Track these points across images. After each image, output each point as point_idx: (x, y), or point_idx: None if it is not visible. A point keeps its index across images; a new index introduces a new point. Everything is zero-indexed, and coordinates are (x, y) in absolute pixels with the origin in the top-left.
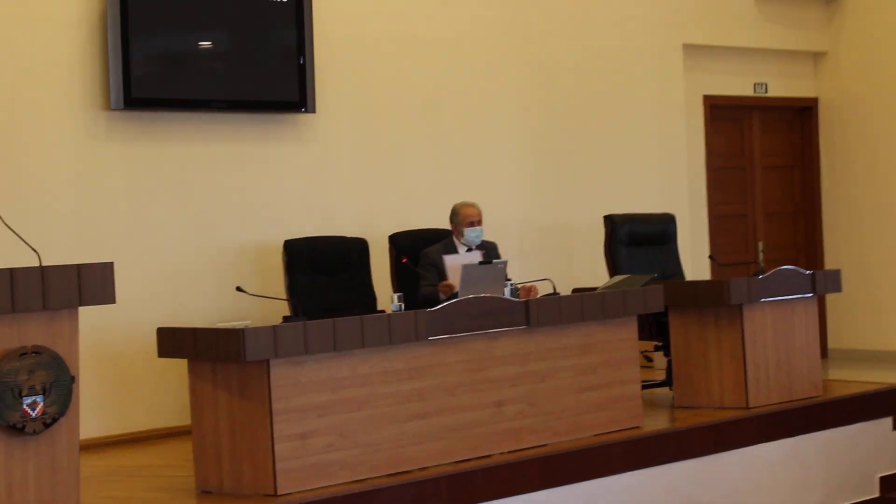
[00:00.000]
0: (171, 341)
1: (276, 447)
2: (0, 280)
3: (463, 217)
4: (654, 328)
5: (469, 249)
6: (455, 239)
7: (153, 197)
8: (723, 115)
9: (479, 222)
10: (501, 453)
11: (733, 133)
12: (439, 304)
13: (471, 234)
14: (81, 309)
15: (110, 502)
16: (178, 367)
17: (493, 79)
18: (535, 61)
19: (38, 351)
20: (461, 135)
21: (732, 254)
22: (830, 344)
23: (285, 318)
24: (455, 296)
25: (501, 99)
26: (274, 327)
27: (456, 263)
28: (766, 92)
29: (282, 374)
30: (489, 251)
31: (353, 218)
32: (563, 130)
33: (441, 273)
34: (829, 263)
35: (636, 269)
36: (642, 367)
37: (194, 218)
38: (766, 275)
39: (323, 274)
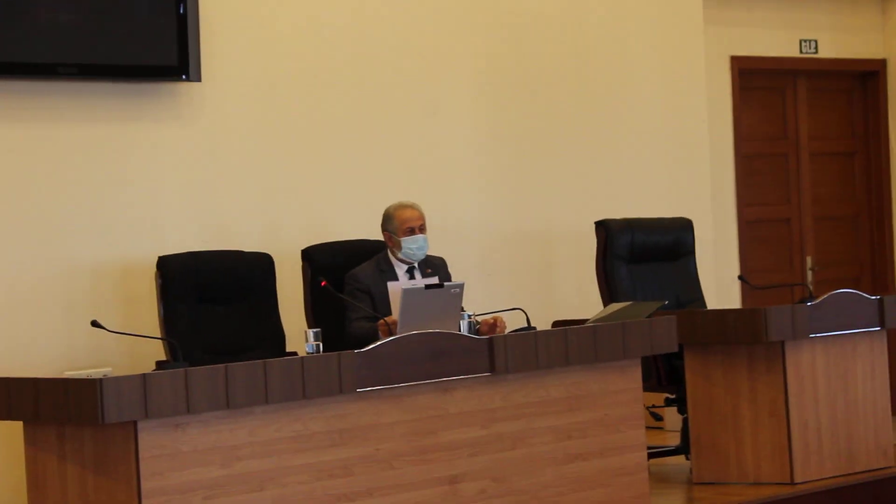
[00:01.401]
0: (2, 397)
1: None
2: None
3: (399, 222)
4: (664, 375)
5: (411, 269)
6: (390, 254)
7: None
8: (757, 82)
9: (423, 229)
10: None
11: (771, 107)
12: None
13: (411, 244)
14: None
15: None
16: (10, 433)
17: (444, 36)
18: (502, 13)
19: None
20: (400, 113)
21: (771, 273)
22: None
23: (160, 364)
24: None
25: (455, 63)
26: (144, 376)
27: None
28: (816, 51)
29: (154, 442)
30: (436, 270)
31: (254, 226)
32: (540, 106)
33: (378, 304)
34: None
35: (640, 293)
36: (649, 428)
37: (33, 226)
38: (816, 301)
39: (211, 302)
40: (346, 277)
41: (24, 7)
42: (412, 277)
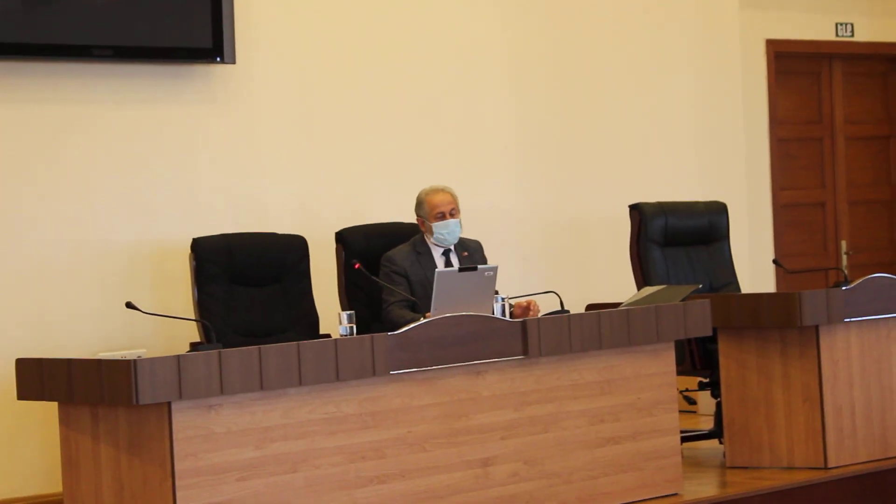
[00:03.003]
0: (36, 378)
1: None
2: None
3: (430, 207)
4: (698, 359)
5: (447, 252)
6: (426, 237)
7: (8, 177)
8: (792, 66)
9: (454, 213)
10: None
11: (807, 91)
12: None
13: (442, 230)
14: None
15: None
16: (45, 414)
17: (480, 21)
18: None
19: None
20: (434, 96)
21: (805, 257)
22: None
23: (194, 346)
24: None
25: (491, 47)
26: (178, 357)
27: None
28: (853, 35)
29: (188, 423)
30: (471, 253)
31: (287, 208)
32: (575, 90)
33: (415, 287)
34: None
35: (674, 277)
36: (682, 411)
37: (68, 207)
38: (851, 286)
39: (245, 284)
40: (383, 259)
41: None
42: (448, 261)
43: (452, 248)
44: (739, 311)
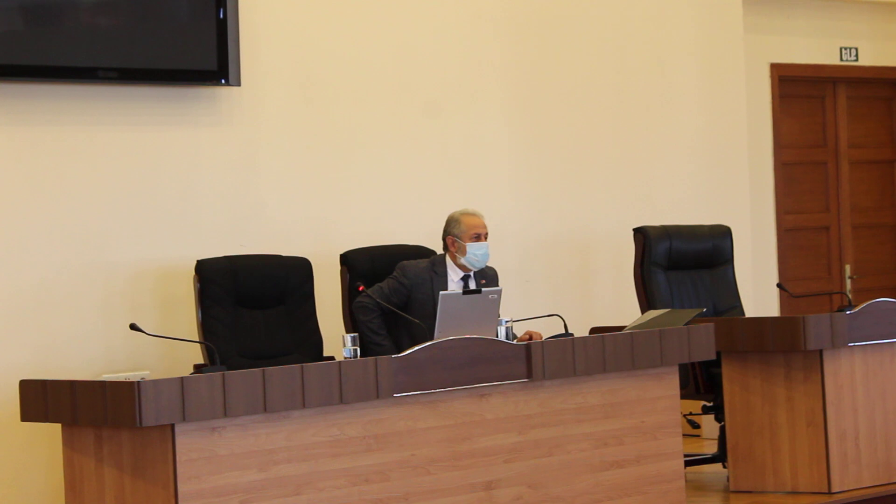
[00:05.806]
0: (40, 399)
1: None
2: None
3: (467, 227)
4: (702, 382)
5: (466, 277)
6: (449, 258)
7: (12, 199)
8: (797, 90)
9: (486, 237)
10: None
11: (811, 115)
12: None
13: (476, 250)
14: None
15: None
16: (48, 435)
17: (482, 41)
18: (541, 19)
19: None
20: (439, 118)
21: (809, 281)
22: None
23: (197, 368)
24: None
25: (493, 68)
26: (182, 380)
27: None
28: (857, 59)
29: (192, 445)
30: (489, 282)
31: (292, 230)
32: (580, 113)
33: (415, 306)
34: None
35: (678, 301)
36: (686, 435)
37: (72, 229)
38: (855, 310)
39: (249, 306)
40: (398, 266)
41: (65, 11)
42: (466, 286)
43: (472, 274)
44: (743, 335)
